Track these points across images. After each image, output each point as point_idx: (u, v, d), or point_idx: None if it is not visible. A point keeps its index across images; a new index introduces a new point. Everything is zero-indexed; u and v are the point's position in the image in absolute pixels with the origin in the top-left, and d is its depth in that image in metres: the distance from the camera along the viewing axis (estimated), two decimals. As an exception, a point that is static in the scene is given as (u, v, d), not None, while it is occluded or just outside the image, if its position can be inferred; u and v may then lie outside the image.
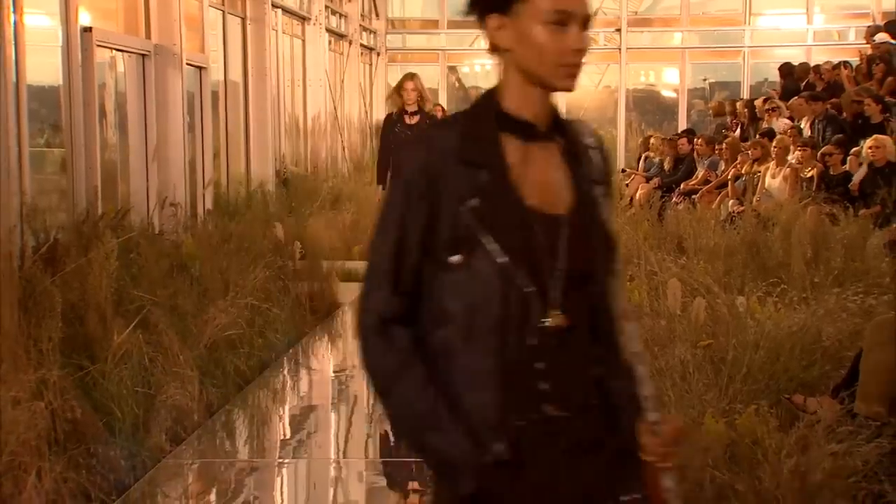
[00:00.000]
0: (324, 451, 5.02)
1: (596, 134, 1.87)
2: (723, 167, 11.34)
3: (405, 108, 8.00)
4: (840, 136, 9.84)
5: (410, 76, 8.09)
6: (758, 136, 11.05)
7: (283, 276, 7.37)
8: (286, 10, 13.16)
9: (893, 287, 5.91)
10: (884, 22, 13.91)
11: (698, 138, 12.37)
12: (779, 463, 3.36)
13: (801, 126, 10.72)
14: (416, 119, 7.94)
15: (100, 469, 4.26)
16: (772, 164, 9.86)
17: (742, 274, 6.70)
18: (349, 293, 8.40)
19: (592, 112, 18.18)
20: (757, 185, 9.89)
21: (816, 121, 10.62)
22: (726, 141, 11.58)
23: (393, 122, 8.12)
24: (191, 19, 9.83)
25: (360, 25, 16.60)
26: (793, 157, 9.70)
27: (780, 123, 11.26)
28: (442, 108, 12.89)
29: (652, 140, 13.65)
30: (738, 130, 12.67)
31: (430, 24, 18.30)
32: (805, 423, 3.58)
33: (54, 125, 7.75)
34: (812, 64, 13.91)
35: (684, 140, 12.56)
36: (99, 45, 8.00)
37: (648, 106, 18.34)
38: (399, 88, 8.03)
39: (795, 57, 15.04)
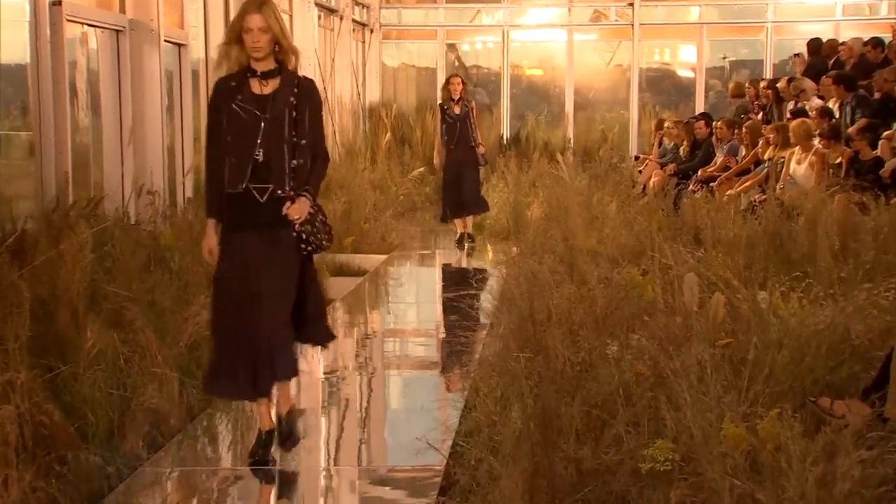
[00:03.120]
0: (313, 459, 5.02)
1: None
2: (743, 152, 11.34)
3: (252, 65, 4.60)
4: (869, 119, 9.83)
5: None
6: (788, 118, 11.01)
7: (269, 269, 7.34)
8: (272, -17, 13.10)
9: (928, 282, 5.90)
10: (918, -5, 13.88)
11: (718, 121, 12.35)
12: (803, 471, 3.36)
13: (831, 107, 10.69)
14: (272, 86, 4.61)
15: (71, 478, 4.26)
16: (797, 150, 9.85)
17: (764, 267, 6.70)
18: (341, 288, 8.41)
19: (603, 93, 18.18)
20: (780, 171, 9.89)
21: (845, 102, 10.60)
22: (747, 124, 11.57)
23: (230, 91, 4.63)
24: (169, -8, 9.81)
25: (352, -1, 16.58)
26: (819, 142, 9.69)
27: (812, 104, 11.22)
28: (462, 80, 11.33)
29: (666, 124, 13.64)
30: (761, 113, 12.65)
31: (428, -2, 18.30)
32: (832, 429, 3.58)
33: (21, 106, 7.74)
34: (840, 40, 13.88)
35: (702, 123, 12.56)
36: (69, 20, 7.98)
37: (663, 86, 18.31)
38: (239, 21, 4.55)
39: (823, 33, 15.01)
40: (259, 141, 4.56)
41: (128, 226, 7.71)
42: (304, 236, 4.64)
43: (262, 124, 4.56)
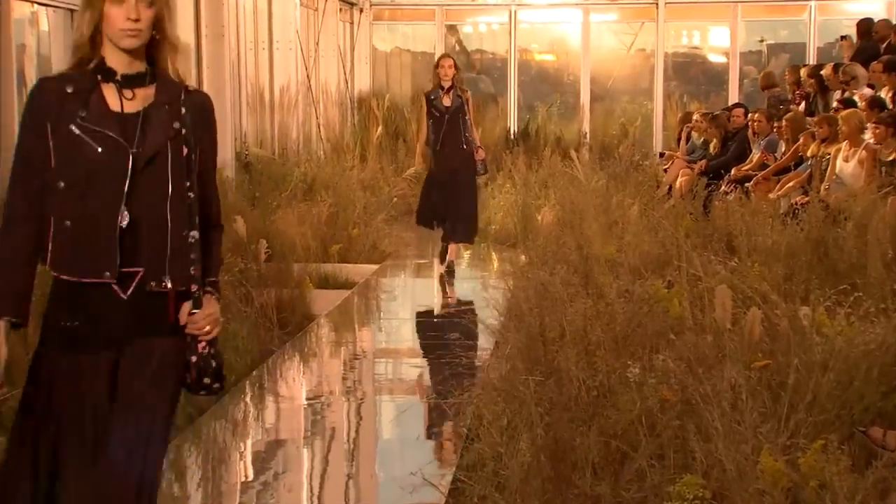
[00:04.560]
0: (294, 497, 5.01)
1: None
2: (783, 148, 11.34)
3: (107, 61, 3.26)
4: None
5: None
6: (835, 107, 10.99)
7: (244, 281, 7.37)
8: (248, -44, 13.17)
9: None
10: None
11: (755, 112, 12.35)
12: (852, 511, 3.35)
13: (883, 96, 10.70)
14: (140, 101, 3.16)
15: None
16: (844, 145, 9.86)
17: (806, 279, 6.70)
18: (326, 302, 8.41)
19: (623, 81, 18.22)
20: (825, 170, 9.89)
21: (897, 91, 10.62)
22: (787, 116, 11.57)
23: (64, 101, 3.36)
24: (131, -33, 9.82)
25: (340, -25, 16.62)
26: (869, 136, 9.70)
27: (862, 93, 11.22)
28: (455, 63, 10.18)
29: (695, 116, 13.66)
30: (803, 104, 12.65)
31: (425, -26, 18.37)
32: (884, 463, 3.58)
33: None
34: (895, 21, 13.91)
35: (740, 112, 12.54)
36: (18, -1, 8.00)
37: (691, 74, 18.36)
38: None
39: (874, 12, 15.03)
40: (125, 194, 3.03)
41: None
42: (201, 363, 3.13)
43: (132, 163, 3.03)
